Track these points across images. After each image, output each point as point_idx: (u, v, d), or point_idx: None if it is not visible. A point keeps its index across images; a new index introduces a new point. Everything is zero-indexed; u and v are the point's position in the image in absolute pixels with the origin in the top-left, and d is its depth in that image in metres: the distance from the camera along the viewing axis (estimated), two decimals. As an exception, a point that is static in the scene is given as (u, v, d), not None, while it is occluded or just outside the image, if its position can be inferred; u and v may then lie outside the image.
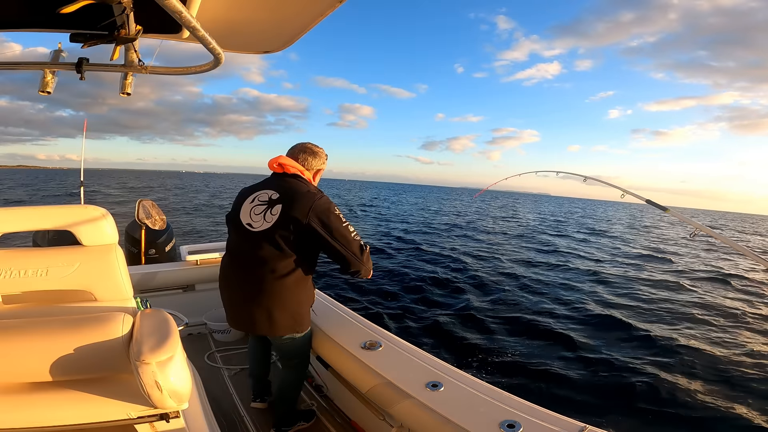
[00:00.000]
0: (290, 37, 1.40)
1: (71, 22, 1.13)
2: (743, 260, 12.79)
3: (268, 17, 1.24)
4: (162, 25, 1.19)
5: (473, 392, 1.39)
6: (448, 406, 1.32)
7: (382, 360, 1.64)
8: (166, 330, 1.02)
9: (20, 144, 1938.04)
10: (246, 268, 1.67)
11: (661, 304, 6.51)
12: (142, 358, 0.91)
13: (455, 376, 1.50)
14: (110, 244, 1.22)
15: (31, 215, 1.20)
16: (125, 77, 1.45)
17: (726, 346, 4.85)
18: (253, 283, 1.64)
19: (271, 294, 1.62)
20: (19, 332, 0.96)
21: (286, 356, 1.90)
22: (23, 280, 1.12)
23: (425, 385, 1.44)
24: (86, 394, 1.00)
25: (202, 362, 2.65)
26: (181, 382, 0.96)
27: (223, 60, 1.22)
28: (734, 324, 5.79)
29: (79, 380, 1.02)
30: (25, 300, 1.18)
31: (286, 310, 1.67)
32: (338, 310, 2.19)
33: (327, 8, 1.13)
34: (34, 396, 0.98)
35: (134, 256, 3.58)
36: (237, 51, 1.51)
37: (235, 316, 1.79)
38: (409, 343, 1.78)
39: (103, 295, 1.21)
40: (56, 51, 1.28)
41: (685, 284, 8.25)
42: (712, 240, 4.92)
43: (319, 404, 2.19)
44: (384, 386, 1.50)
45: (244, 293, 1.68)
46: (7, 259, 1.11)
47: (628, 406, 3.50)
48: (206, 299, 3.13)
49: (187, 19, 0.87)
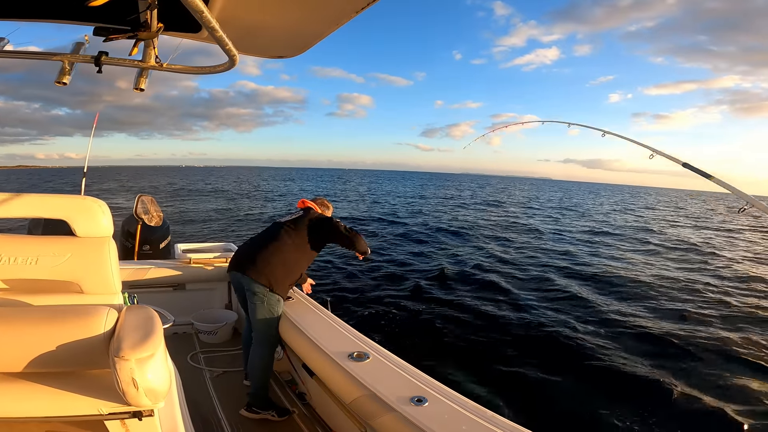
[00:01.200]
0: (305, 44, 1.43)
1: (96, 15, 1.17)
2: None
3: (285, 23, 1.27)
4: (182, 24, 1.23)
5: (458, 409, 1.38)
6: (431, 421, 1.31)
7: (369, 372, 1.63)
8: (150, 327, 1.00)
9: (18, 144, 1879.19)
10: (265, 236, 2.38)
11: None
12: (121, 353, 0.89)
13: (441, 391, 1.49)
14: (104, 236, 1.22)
15: (28, 202, 1.20)
16: (141, 73, 1.49)
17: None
18: (266, 240, 2.33)
19: (271, 249, 2.25)
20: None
21: (254, 322, 2.23)
22: (11, 267, 1.11)
23: (410, 399, 1.43)
24: (58, 388, 0.97)
25: (185, 362, 2.62)
26: (158, 381, 0.94)
27: (237, 62, 1.26)
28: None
29: (53, 373, 0.99)
30: (11, 288, 1.16)
31: (278, 268, 2.21)
32: (328, 319, 2.18)
33: (343, 17, 1.16)
34: (2, 386, 0.95)
35: (128, 250, 3.57)
36: (252, 54, 1.55)
37: (240, 259, 2.32)
38: (397, 357, 1.77)
39: (91, 288, 1.20)
40: (78, 43, 1.31)
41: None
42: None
43: (300, 412, 2.16)
44: (368, 398, 1.49)
45: (256, 246, 2.33)
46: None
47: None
48: (195, 299, 3.11)
49: (207, 19, 0.91)
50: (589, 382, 4.21)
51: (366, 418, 1.53)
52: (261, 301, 2.18)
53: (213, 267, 3.04)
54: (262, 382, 2.17)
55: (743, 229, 20.06)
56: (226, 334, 2.96)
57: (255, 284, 2.18)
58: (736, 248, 13.81)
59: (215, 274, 3.04)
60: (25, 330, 0.94)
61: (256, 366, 2.19)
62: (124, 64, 1.40)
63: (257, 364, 2.19)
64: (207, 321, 2.95)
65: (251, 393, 2.18)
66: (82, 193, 4.16)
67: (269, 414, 2.13)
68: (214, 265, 3.04)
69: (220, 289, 3.23)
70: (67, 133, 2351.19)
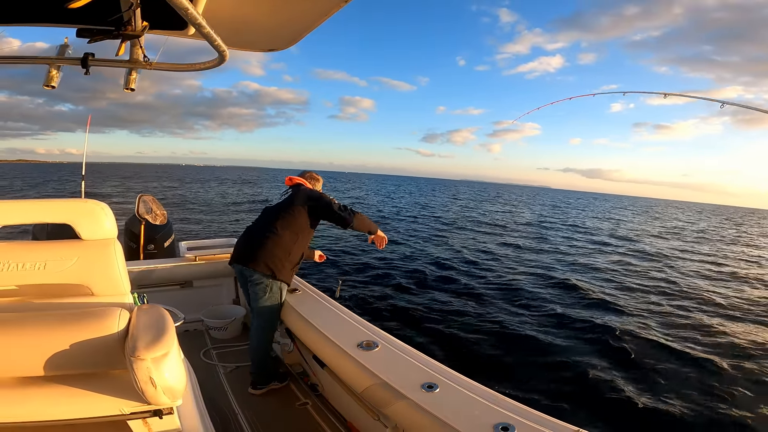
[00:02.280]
0: (295, 36, 1.40)
1: (78, 17, 1.14)
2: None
3: (273, 15, 1.24)
4: (168, 22, 1.20)
5: (468, 394, 1.39)
6: (443, 407, 1.32)
7: (379, 360, 1.64)
8: (162, 326, 1.02)
9: (20, 138, 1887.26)
10: (261, 224, 2.37)
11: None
12: (137, 354, 0.91)
13: (451, 377, 1.50)
14: (109, 238, 1.22)
15: (30, 208, 1.20)
16: (129, 73, 1.46)
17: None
18: (263, 229, 2.32)
19: (269, 237, 2.26)
20: (14, 326, 0.95)
21: (257, 309, 2.28)
22: (21, 274, 1.12)
23: (421, 386, 1.44)
24: (79, 390, 0.99)
25: (198, 359, 2.65)
26: (175, 379, 0.96)
27: (227, 57, 1.22)
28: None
29: (72, 375, 1.01)
30: (23, 293, 1.17)
31: (277, 254, 2.23)
32: (336, 310, 2.19)
33: (332, 7, 1.13)
34: (26, 391, 0.97)
35: (133, 251, 3.58)
36: (241, 48, 1.51)
37: (239, 250, 2.35)
38: (405, 344, 1.78)
39: (100, 289, 1.21)
40: (62, 46, 1.28)
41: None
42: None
43: (313, 403, 2.20)
44: (379, 387, 1.51)
45: (254, 236, 2.33)
46: (5, 252, 1.11)
47: (624, 412, 3.50)
48: (204, 296, 3.13)
49: (193, 16, 0.88)
50: (612, 367, 4.27)
51: (379, 407, 1.55)
52: (263, 290, 2.23)
53: (218, 263, 3.05)
54: (262, 362, 2.31)
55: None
56: (235, 329, 2.99)
57: (256, 274, 2.22)
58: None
59: (221, 270, 3.05)
60: (42, 334, 0.95)
61: (255, 349, 2.30)
62: (111, 64, 1.37)
63: (255, 348, 2.30)
64: (216, 317, 2.98)
65: (253, 372, 2.33)
66: (82, 196, 4.16)
67: (273, 384, 2.33)
68: (219, 261, 3.05)
69: (227, 285, 3.25)
70: (69, 129, 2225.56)
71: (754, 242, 20.66)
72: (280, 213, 2.32)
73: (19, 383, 0.99)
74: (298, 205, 2.31)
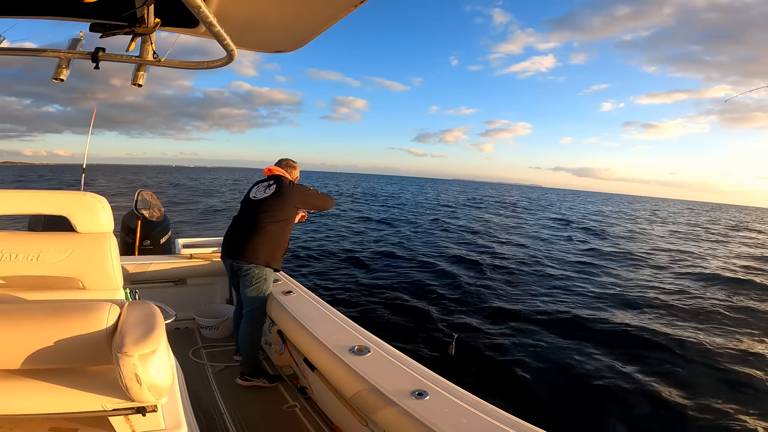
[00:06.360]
0: (303, 38, 1.42)
1: (92, 11, 1.16)
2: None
3: (282, 17, 1.26)
4: (179, 20, 1.22)
5: (458, 403, 1.39)
6: (432, 415, 1.32)
7: (370, 365, 1.63)
8: (152, 323, 1.00)
9: (6, 140, 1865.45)
10: (247, 220, 2.42)
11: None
12: (124, 349, 0.89)
13: (441, 385, 1.50)
14: (105, 232, 1.22)
15: (28, 199, 1.20)
16: (138, 69, 1.47)
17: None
18: (250, 224, 2.37)
19: (258, 232, 2.33)
20: (1, 318, 0.93)
21: (247, 297, 2.35)
22: (13, 264, 1.11)
23: (411, 393, 1.43)
24: (63, 384, 0.97)
25: (187, 357, 2.63)
26: (161, 377, 0.94)
27: (236, 56, 1.25)
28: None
29: (58, 369, 0.99)
30: (13, 284, 1.16)
31: (263, 246, 2.32)
32: (329, 313, 2.19)
33: (341, 11, 1.15)
34: (8, 383, 0.95)
35: (129, 245, 3.57)
36: (249, 49, 1.54)
37: (229, 245, 2.43)
38: (398, 351, 1.78)
39: (92, 283, 1.20)
40: (74, 39, 1.30)
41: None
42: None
43: (302, 406, 2.18)
44: (369, 392, 1.50)
45: (242, 231, 2.39)
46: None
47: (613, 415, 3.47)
48: (197, 294, 3.12)
49: (204, 15, 0.90)
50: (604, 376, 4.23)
51: (367, 412, 1.54)
52: (253, 280, 2.32)
53: (213, 262, 3.04)
54: (252, 353, 2.38)
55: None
56: (227, 329, 2.97)
57: (248, 265, 2.31)
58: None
59: (216, 268, 3.04)
60: (28, 326, 0.94)
61: (246, 338, 2.37)
62: (121, 60, 1.39)
63: (247, 336, 2.37)
64: (208, 316, 2.97)
65: (243, 363, 2.38)
66: (81, 188, 4.15)
67: (261, 381, 2.34)
68: (214, 260, 3.05)
69: (221, 284, 3.24)
70: (56, 130, 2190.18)
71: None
72: (267, 207, 2.38)
73: (2, 376, 0.97)
74: (287, 200, 2.39)
